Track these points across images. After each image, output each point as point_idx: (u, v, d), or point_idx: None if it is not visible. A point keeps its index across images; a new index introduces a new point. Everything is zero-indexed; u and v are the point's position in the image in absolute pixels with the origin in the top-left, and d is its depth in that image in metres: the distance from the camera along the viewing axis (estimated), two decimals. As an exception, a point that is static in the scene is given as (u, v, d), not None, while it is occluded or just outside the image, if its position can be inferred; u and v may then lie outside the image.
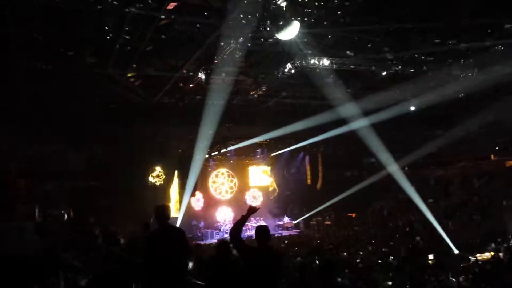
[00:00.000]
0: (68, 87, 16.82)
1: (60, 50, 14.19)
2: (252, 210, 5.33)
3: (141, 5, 11.06)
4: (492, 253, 13.95)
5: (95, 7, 11.23)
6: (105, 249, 6.47)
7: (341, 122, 20.85)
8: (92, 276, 5.36)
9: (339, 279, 9.43)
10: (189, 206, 24.42)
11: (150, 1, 10.97)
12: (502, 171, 21.86)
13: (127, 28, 12.37)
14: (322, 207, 25.99)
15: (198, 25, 13.02)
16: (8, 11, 10.91)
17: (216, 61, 15.22)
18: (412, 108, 22.01)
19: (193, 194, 23.85)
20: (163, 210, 5.54)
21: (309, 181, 28.65)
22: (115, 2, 10.83)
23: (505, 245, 15.06)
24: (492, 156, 22.88)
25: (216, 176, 27.26)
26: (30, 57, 14.05)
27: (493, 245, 15.34)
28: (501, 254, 13.64)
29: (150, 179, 24.74)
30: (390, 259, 13.58)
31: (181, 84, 18.32)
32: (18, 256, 5.74)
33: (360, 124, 20.44)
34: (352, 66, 16.39)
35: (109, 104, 18.93)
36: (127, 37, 13.01)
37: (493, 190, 21.26)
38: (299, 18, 11.71)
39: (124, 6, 11.03)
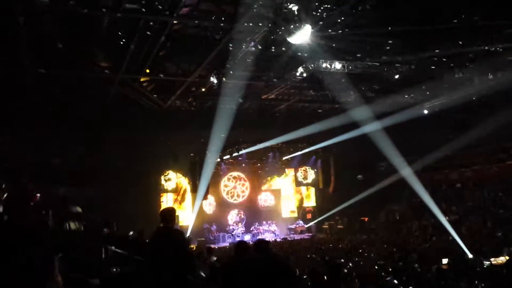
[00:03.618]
0: (81, 91, 17.01)
1: (72, 54, 14.34)
2: None
3: (154, 10, 11.17)
4: (507, 257, 13.76)
5: (109, 13, 11.37)
6: (116, 252, 6.53)
7: (354, 125, 20.76)
8: (104, 278, 5.43)
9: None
10: (201, 210, 24.52)
11: (162, 7, 11.07)
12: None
13: (140, 33, 12.48)
14: (334, 210, 25.89)
15: (210, 29, 13.11)
16: (21, 15, 11.06)
17: (228, 65, 15.29)
18: (425, 112, 21.85)
19: (205, 198, 23.92)
20: (168, 213, 5.59)
21: (321, 185, 28.57)
22: (128, 7, 10.95)
23: (520, 249, 14.86)
24: (507, 160, 22.59)
25: (228, 179, 27.32)
26: (41, 61, 14.21)
27: (508, 249, 15.14)
28: (516, 259, 13.46)
29: (162, 182, 24.90)
30: (403, 264, 13.48)
31: (193, 88, 18.42)
32: None
33: (372, 127, 20.33)
34: (364, 70, 16.36)
35: (122, 109, 19.09)
36: (139, 42, 13.13)
37: (507, 194, 21.01)
38: (310, 22, 11.72)
39: (137, 11, 11.14)
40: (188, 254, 5.90)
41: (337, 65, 15.73)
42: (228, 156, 24.71)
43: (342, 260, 13.39)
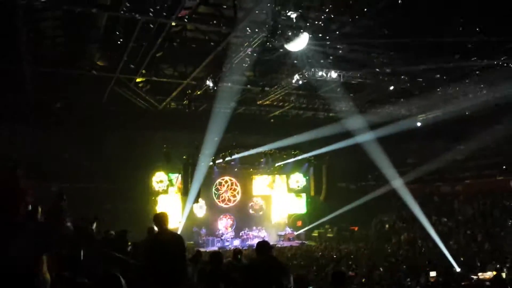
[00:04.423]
0: (76, 89, 16.97)
1: (70, 53, 14.32)
2: None
3: (153, 12, 11.17)
4: (495, 273, 13.82)
5: (107, 12, 11.37)
6: (104, 252, 6.50)
7: (347, 134, 20.85)
8: (92, 278, 5.39)
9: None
10: (191, 213, 24.40)
11: (161, 8, 11.07)
12: (507, 191, 21.71)
13: (138, 34, 12.47)
14: (324, 219, 25.89)
15: (207, 33, 13.15)
16: (20, 14, 11.03)
17: (224, 70, 15.31)
18: (419, 124, 21.98)
19: (196, 201, 23.82)
20: (161, 217, 5.74)
21: (312, 193, 28.57)
22: (127, 8, 10.94)
23: (507, 265, 14.93)
24: (498, 176, 22.74)
25: (220, 183, 27.25)
26: (39, 59, 14.17)
27: (496, 264, 15.20)
28: (503, 274, 13.51)
29: (154, 184, 24.77)
30: (392, 275, 13.51)
31: (189, 91, 18.42)
32: None
33: (365, 137, 20.42)
34: (359, 80, 16.44)
35: (117, 108, 19.06)
36: (137, 42, 13.13)
37: (497, 209, 21.12)
38: (308, 30, 11.78)
39: (136, 12, 11.14)
40: (185, 258, 5.99)
41: (333, 74, 15.79)
42: (221, 160, 24.64)
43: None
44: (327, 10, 11.79)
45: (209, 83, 16.36)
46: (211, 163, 24.13)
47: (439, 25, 12.63)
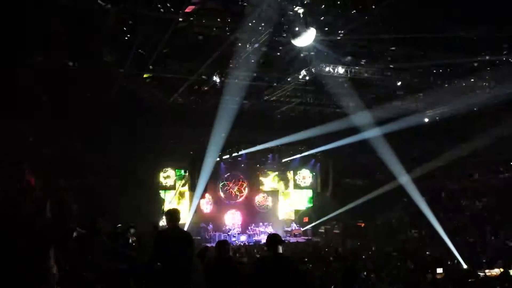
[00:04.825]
0: (84, 85, 17.01)
1: (78, 47, 14.33)
2: None
3: (160, 7, 11.17)
4: (502, 270, 13.77)
5: (114, 8, 11.38)
6: (110, 247, 6.55)
7: (354, 130, 20.77)
8: (98, 274, 5.42)
9: None
10: (198, 208, 24.50)
11: (168, 4, 11.07)
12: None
13: (145, 30, 12.49)
14: (331, 215, 25.87)
15: (215, 28, 13.12)
16: (28, 8, 11.07)
17: (231, 65, 15.29)
18: (426, 120, 21.84)
19: (203, 196, 23.90)
20: (173, 213, 5.74)
21: (319, 189, 28.58)
22: (134, 3, 10.96)
23: (515, 262, 14.86)
24: (505, 172, 22.60)
25: (227, 179, 27.31)
26: (48, 53, 14.21)
27: (503, 261, 15.14)
28: (511, 271, 13.45)
29: (161, 179, 24.89)
30: (398, 271, 13.49)
31: (196, 87, 18.42)
32: None
33: (372, 133, 20.34)
34: (367, 75, 16.35)
35: (124, 104, 19.10)
36: (144, 38, 13.14)
37: (505, 206, 21.00)
38: (315, 25, 11.72)
39: (143, 7, 11.15)
40: (191, 255, 6.02)
41: (340, 70, 15.72)
42: (228, 156, 24.69)
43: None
44: (334, 5, 11.72)
45: (216, 78, 16.36)
46: (218, 159, 24.19)
47: (446, 20, 12.54)
